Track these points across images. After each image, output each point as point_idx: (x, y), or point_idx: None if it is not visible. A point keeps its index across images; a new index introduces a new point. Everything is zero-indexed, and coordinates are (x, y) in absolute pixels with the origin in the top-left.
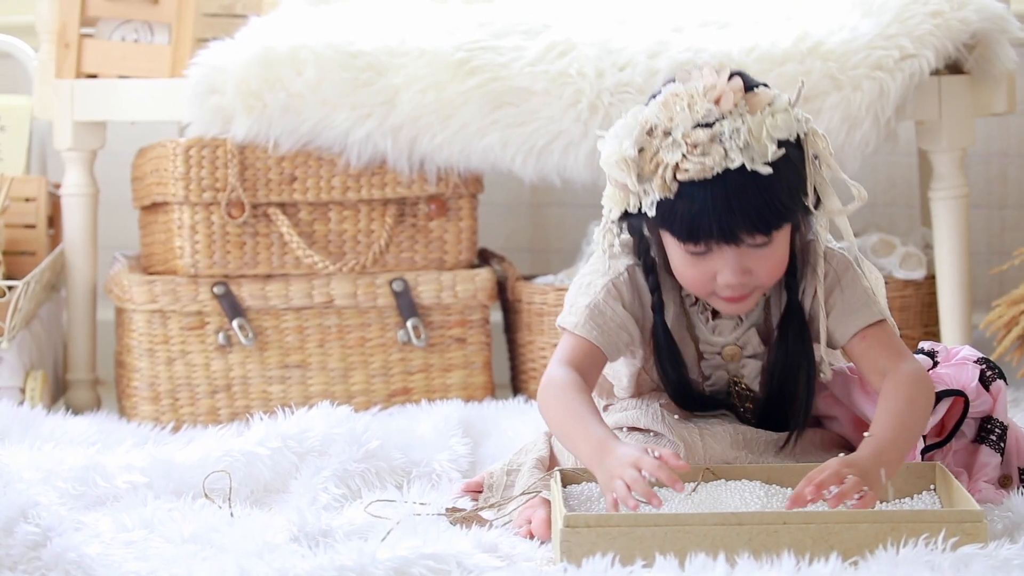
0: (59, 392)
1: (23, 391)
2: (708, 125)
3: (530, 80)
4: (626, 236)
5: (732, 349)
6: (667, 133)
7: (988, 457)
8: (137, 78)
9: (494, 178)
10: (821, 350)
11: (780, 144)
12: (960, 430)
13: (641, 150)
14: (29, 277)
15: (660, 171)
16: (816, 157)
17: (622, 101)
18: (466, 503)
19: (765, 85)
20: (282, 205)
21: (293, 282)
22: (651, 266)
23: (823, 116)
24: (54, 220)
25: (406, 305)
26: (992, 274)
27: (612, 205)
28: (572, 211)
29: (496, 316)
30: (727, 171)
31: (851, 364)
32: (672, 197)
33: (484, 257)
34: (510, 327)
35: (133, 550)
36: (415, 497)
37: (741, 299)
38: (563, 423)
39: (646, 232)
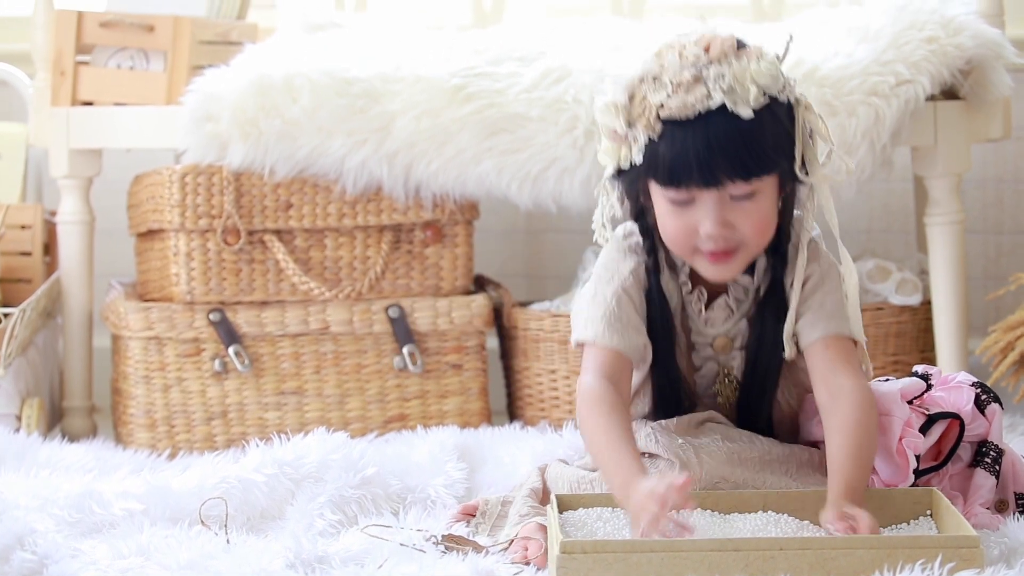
0: (55, 419)
1: (19, 418)
2: (695, 69)
3: (526, 106)
4: (635, 238)
5: (723, 340)
6: (656, 79)
7: (983, 480)
8: (133, 105)
9: (490, 204)
10: (788, 330)
11: (766, 96)
12: (956, 454)
13: (632, 97)
14: (25, 305)
15: (645, 112)
16: (810, 129)
17: None
18: (460, 528)
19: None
20: (278, 232)
21: (289, 309)
22: (647, 229)
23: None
24: (50, 248)
25: (402, 331)
26: (988, 300)
27: (607, 160)
28: (568, 237)
29: (492, 342)
30: (709, 112)
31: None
32: (656, 139)
33: (480, 283)
34: (506, 353)
35: None
36: (411, 524)
37: (725, 256)
38: (599, 448)
39: (641, 199)
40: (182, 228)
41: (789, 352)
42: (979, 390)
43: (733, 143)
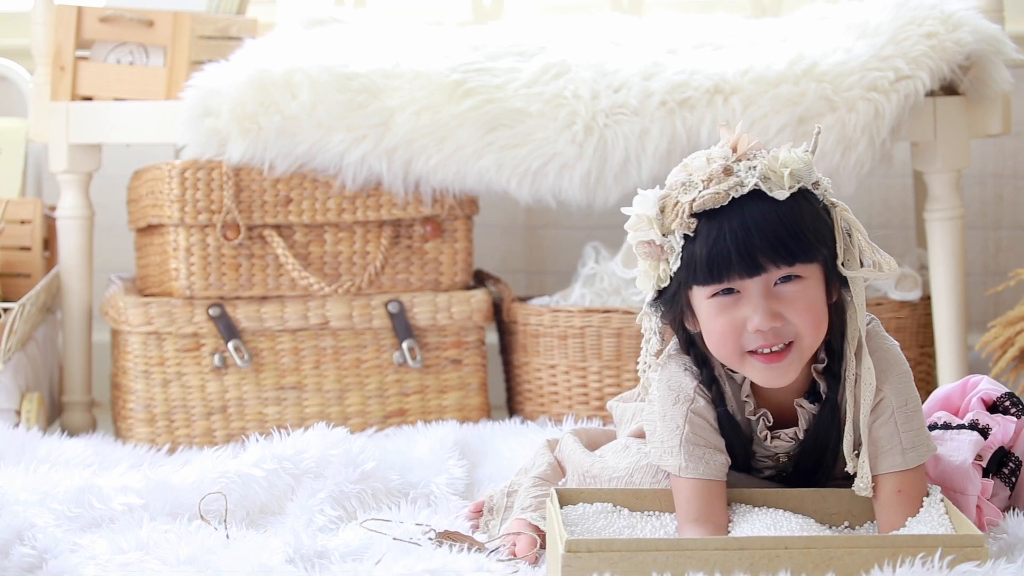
0: (55, 414)
1: (19, 413)
2: (725, 163)
3: (525, 102)
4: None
5: (785, 458)
6: (684, 184)
7: (997, 489)
8: (132, 100)
9: (489, 200)
10: (850, 461)
11: (800, 184)
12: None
13: (663, 209)
14: (25, 299)
15: (678, 214)
16: (849, 231)
17: (617, 123)
18: (463, 524)
19: None
20: (277, 227)
21: (289, 304)
22: (702, 359)
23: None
24: (49, 242)
25: (402, 326)
26: (987, 295)
27: (646, 283)
28: (567, 233)
29: (492, 337)
30: (743, 198)
31: None
32: (692, 235)
33: (480, 278)
34: (506, 348)
35: (129, 572)
36: (410, 518)
37: (778, 356)
38: None
39: (686, 323)
40: (182, 223)
41: (866, 491)
42: (1008, 402)
43: (771, 225)
